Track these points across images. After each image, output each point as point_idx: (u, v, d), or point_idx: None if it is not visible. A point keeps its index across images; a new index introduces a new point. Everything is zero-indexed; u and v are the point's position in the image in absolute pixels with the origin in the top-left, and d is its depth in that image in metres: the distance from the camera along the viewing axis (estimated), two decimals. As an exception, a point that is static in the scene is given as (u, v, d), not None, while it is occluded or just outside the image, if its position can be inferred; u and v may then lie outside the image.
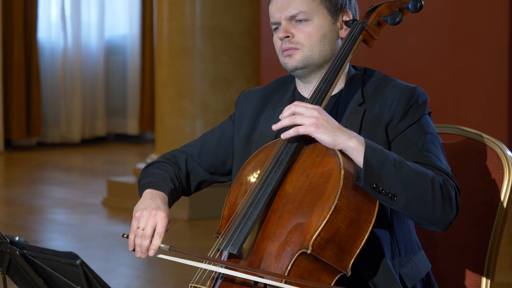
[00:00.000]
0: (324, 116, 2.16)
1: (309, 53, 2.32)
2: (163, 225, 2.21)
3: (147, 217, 2.22)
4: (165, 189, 2.35)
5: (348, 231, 2.10)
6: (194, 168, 2.48)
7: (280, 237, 2.12)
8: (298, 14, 2.31)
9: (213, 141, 2.51)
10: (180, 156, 2.49)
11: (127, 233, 2.24)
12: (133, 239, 2.21)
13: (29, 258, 1.92)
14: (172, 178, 2.41)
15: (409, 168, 2.15)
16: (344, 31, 2.35)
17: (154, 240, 2.20)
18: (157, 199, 2.28)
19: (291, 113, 2.17)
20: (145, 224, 2.21)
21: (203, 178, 2.50)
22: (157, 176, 2.39)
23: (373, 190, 2.12)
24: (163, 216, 2.22)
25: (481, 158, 2.55)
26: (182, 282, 4.93)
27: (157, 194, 2.32)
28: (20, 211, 7.02)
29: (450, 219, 2.17)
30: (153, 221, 2.21)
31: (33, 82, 10.31)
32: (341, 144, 2.14)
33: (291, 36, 2.32)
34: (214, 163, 2.49)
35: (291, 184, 2.17)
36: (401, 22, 2.31)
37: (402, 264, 2.29)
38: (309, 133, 2.15)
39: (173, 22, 6.77)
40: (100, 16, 10.86)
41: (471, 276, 2.56)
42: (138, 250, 2.21)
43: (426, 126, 2.28)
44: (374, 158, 2.12)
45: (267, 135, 2.37)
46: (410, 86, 2.31)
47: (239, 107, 2.52)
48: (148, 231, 2.20)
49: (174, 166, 2.45)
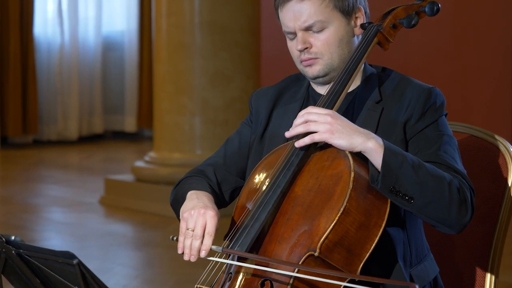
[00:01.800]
0: (339, 120, 2.15)
1: (329, 61, 2.30)
2: (213, 224, 2.16)
3: (196, 217, 2.16)
4: (208, 190, 2.33)
5: (357, 234, 2.09)
6: (224, 177, 2.45)
7: (288, 239, 2.11)
8: (314, 24, 2.29)
9: (234, 147, 2.47)
10: (206, 169, 2.45)
11: (176, 236, 2.19)
12: (182, 241, 2.16)
13: (25, 258, 1.91)
14: (208, 186, 2.38)
15: (427, 171, 2.14)
16: (359, 29, 2.34)
17: (205, 240, 2.14)
18: (203, 198, 2.25)
19: (305, 120, 2.15)
20: (194, 224, 2.16)
21: (235, 185, 2.46)
22: (194, 183, 2.36)
23: (390, 192, 2.11)
24: (212, 214, 2.17)
25: (485, 156, 2.55)
26: (181, 282, 4.92)
27: (202, 193, 2.28)
28: (16, 209, 7.01)
29: (465, 221, 2.17)
30: (203, 220, 2.16)
31: (29, 78, 10.33)
32: (359, 146, 2.13)
33: (309, 46, 2.30)
34: (241, 167, 2.46)
35: (301, 186, 2.16)
36: (416, 26, 2.32)
37: (413, 264, 2.28)
38: (325, 139, 2.13)
39: (171, 17, 6.76)
40: (98, 11, 10.89)
41: (475, 276, 2.55)
42: (187, 252, 2.15)
43: (443, 127, 2.28)
44: (393, 160, 2.11)
45: (279, 132, 2.36)
46: (428, 87, 2.30)
47: (254, 106, 2.49)
48: (198, 231, 2.15)
49: (205, 178, 2.43)
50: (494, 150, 2.54)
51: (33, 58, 10.35)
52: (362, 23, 2.33)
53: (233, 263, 2.14)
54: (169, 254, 5.59)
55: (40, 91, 10.55)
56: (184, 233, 2.16)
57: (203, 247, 2.14)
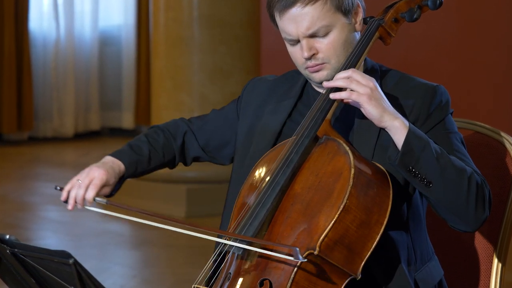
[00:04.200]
0: (378, 90, 2.16)
1: (336, 64, 2.29)
2: (100, 179, 2.34)
3: (88, 172, 2.37)
4: (127, 159, 2.46)
5: (358, 232, 2.08)
6: (191, 143, 2.55)
7: (288, 237, 2.10)
8: (319, 30, 2.26)
9: (217, 122, 2.55)
10: (181, 127, 2.56)
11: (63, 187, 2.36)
12: (67, 190, 2.35)
13: (20, 257, 1.93)
14: (155, 149, 2.50)
15: (449, 160, 2.16)
16: (359, 24, 2.34)
17: (88, 190, 2.33)
18: (107, 165, 2.41)
19: (348, 76, 2.15)
20: (84, 177, 2.36)
21: (198, 154, 2.56)
22: (137, 143, 2.50)
23: (408, 172, 2.13)
24: (102, 173, 2.36)
25: (490, 153, 2.55)
26: (180, 282, 4.92)
27: (113, 162, 2.45)
28: (11, 208, 7.01)
29: (482, 219, 2.18)
30: (92, 175, 2.35)
31: (24, 74, 10.33)
32: (387, 122, 2.14)
33: (315, 52, 2.28)
34: (211, 143, 2.54)
35: (300, 183, 2.16)
36: (418, 19, 2.33)
37: (417, 268, 2.28)
38: (361, 102, 2.14)
39: (169, 11, 6.76)
40: (94, 5, 10.91)
41: (480, 276, 2.55)
42: (71, 202, 2.33)
43: (449, 125, 2.29)
44: (416, 141, 2.12)
45: (270, 128, 2.37)
46: (432, 86, 2.30)
47: (245, 96, 2.51)
48: (85, 182, 2.34)
49: (170, 138, 2.54)
50: (499, 147, 2.54)
51: (28, 53, 10.36)
52: (364, 18, 2.33)
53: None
54: (167, 254, 5.61)
55: (35, 87, 10.57)
56: (72, 183, 2.36)
57: (86, 196, 2.32)
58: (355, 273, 2.08)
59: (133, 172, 2.46)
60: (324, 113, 2.20)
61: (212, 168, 4.95)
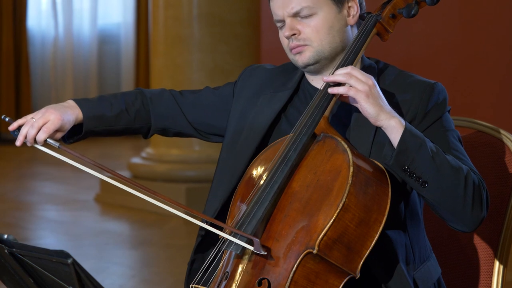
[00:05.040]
0: (377, 89, 2.16)
1: (319, 47, 2.30)
2: (54, 123, 2.29)
3: (44, 112, 2.31)
4: (89, 112, 2.40)
5: (357, 231, 2.07)
6: (175, 116, 2.51)
7: (286, 236, 2.10)
8: (302, 10, 2.29)
9: (211, 99, 2.52)
10: (166, 98, 2.51)
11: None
12: (20, 123, 2.30)
13: (18, 257, 1.92)
14: (127, 110, 2.47)
15: (445, 159, 2.15)
16: (352, 18, 2.34)
17: (40, 132, 2.28)
18: (66, 109, 2.36)
19: (348, 72, 2.15)
20: (39, 117, 2.30)
21: (183, 129, 2.53)
22: (109, 99, 2.45)
23: (403, 172, 2.12)
24: (58, 117, 2.30)
25: (492, 152, 2.54)
26: (179, 282, 4.92)
27: (73, 109, 2.38)
28: (9, 207, 7.00)
29: (479, 219, 2.17)
30: (47, 117, 2.30)
31: (23, 72, 10.34)
32: (383, 121, 2.14)
33: (297, 33, 2.31)
34: (201, 119, 2.51)
35: (299, 182, 2.16)
36: (416, 15, 2.33)
37: (416, 268, 2.28)
38: (358, 99, 2.13)
39: (169, 9, 6.76)
40: (93, 3, 10.93)
41: (481, 275, 2.54)
42: (21, 139, 2.29)
43: (447, 123, 2.29)
44: (411, 140, 2.12)
45: (263, 116, 2.39)
46: (430, 83, 2.30)
47: (241, 81, 2.51)
48: (39, 122, 2.29)
49: (148, 105, 2.49)
50: (500, 145, 2.53)
51: (27, 51, 10.38)
52: (361, 14, 2.34)
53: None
54: (166, 253, 5.61)
55: (33, 85, 10.58)
56: (26, 118, 2.31)
57: (37, 138, 2.28)
58: (354, 272, 2.07)
59: (94, 126, 2.41)
60: (322, 110, 2.20)
61: (212, 168, 4.92)
